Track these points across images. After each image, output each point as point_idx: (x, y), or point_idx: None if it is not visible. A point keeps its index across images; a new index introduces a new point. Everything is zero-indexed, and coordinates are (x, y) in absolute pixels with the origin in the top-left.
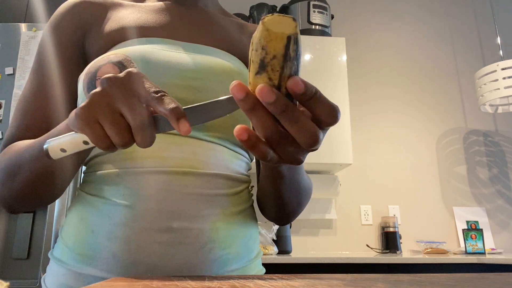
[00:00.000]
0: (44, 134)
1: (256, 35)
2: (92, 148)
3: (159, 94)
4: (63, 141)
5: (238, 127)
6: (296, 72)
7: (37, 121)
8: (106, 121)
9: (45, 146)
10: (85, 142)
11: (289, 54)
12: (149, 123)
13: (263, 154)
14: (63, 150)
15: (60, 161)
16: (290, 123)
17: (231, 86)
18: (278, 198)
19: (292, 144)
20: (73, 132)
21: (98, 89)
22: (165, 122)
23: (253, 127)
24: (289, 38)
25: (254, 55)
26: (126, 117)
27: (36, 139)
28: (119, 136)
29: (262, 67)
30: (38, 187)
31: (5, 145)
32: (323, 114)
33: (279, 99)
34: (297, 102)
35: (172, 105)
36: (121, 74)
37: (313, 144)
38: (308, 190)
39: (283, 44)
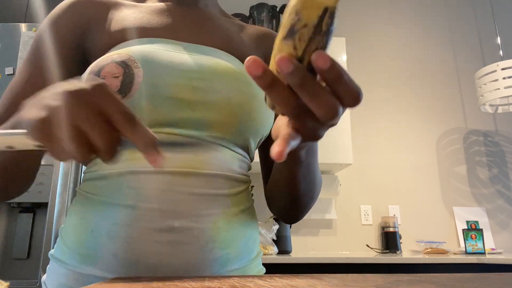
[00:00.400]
0: None
1: None
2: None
3: (132, 119)
4: (12, 140)
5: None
6: (324, 50)
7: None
8: (66, 139)
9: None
10: (39, 146)
11: (321, 27)
12: (116, 144)
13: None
14: (9, 148)
15: (26, 156)
16: (308, 96)
17: (246, 62)
18: (293, 188)
19: (312, 118)
20: (25, 132)
21: (58, 102)
22: (130, 143)
23: (271, 104)
24: (325, 9)
25: (285, 19)
26: (90, 138)
27: None
28: (79, 154)
29: (291, 33)
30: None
31: None
32: (346, 96)
33: (297, 70)
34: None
35: (146, 135)
36: (87, 87)
37: (332, 117)
38: (320, 185)
39: (317, 14)
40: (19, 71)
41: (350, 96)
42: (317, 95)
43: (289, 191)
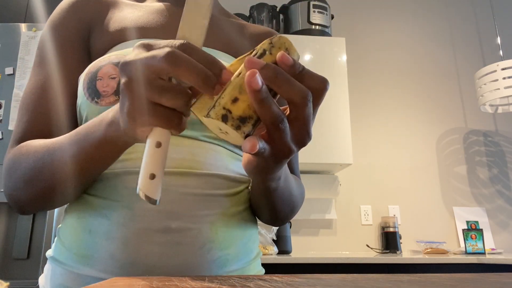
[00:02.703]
0: (48, 130)
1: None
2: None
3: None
4: (144, 166)
5: (247, 145)
6: None
7: (43, 117)
8: (158, 92)
9: (140, 193)
10: (158, 144)
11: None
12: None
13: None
14: (152, 176)
15: (85, 165)
16: (283, 85)
17: (248, 76)
18: (271, 209)
19: (290, 128)
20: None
21: (131, 66)
22: None
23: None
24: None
25: (262, 45)
26: (181, 74)
27: (54, 139)
28: (181, 97)
29: (260, 56)
30: (58, 190)
31: (18, 142)
32: (313, 84)
33: (268, 65)
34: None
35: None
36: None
37: (304, 103)
38: (300, 195)
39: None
40: (32, 77)
41: (318, 82)
42: (289, 81)
43: (267, 209)
